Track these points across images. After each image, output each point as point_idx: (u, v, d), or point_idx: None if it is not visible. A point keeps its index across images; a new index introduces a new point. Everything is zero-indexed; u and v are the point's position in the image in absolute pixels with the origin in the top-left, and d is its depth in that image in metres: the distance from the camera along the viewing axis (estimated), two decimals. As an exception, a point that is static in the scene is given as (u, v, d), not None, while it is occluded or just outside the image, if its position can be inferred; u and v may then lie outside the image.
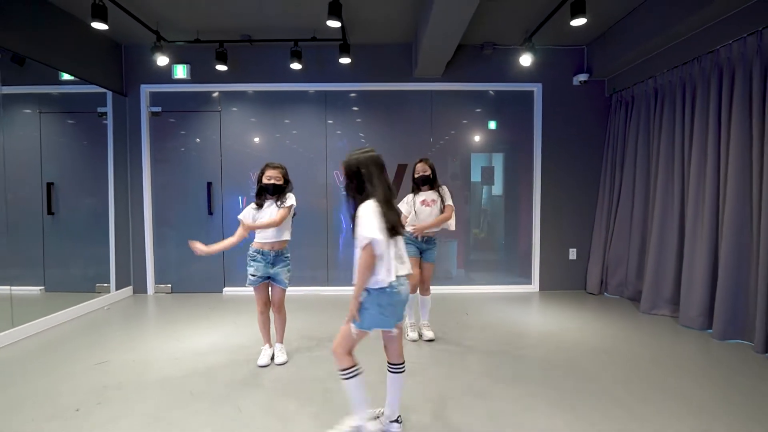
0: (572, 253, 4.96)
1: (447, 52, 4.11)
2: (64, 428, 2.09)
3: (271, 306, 2.93)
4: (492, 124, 5.00)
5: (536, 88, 4.87)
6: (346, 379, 1.89)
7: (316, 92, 4.89)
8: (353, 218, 1.86)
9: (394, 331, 1.94)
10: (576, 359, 2.95)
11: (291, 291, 4.84)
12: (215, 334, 3.52)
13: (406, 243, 3.15)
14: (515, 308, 4.28)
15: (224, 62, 4.43)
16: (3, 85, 3.85)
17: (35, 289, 4.71)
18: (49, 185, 4.63)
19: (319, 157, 4.94)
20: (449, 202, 3.24)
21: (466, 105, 4.94)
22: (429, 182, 3.24)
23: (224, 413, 2.23)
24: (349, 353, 1.91)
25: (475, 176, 5.10)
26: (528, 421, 2.16)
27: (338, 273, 4.98)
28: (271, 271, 2.83)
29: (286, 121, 4.92)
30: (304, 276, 4.91)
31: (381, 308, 1.83)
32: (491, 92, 4.94)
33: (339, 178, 4.95)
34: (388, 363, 2.01)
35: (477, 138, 5.01)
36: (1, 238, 4.00)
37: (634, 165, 4.41)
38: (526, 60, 4.29)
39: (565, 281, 4.97)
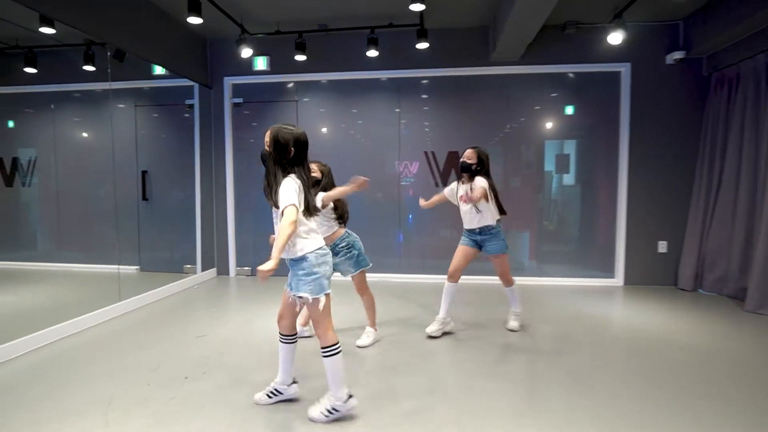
0: (662, 246, 4.61)
1: (529, 33, 3.95)
2: (176, 393, 2.25)
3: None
4: (569, 109, 4.75)
5: (624, 69, 4.55)
6: (332, 355, 1.94)
7: (389, 80, 4.89)
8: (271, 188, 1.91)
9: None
10: (678, 360, 2.75)
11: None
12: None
13: (463, 236, 3.11)
14: (598, 302, 4.06)
15: (303, 52, 4.54)
16: (104, 81, 4.19)
17: (132, 269, 5.14)
18: (144, 173, 5.01)
19: (388, 146, 4.95)
20: (481, 184, 2.93)
21: (543, 89, 4.73)
22: (469, 171, 3.00)
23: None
24: (331, 329, 1.97)
25: (549, 165, 4.88)
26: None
27: (409, 261, 4.99)
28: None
29: (354, 110, 4.98)
30: (376, 263, 4.95)
31: (322, 270, 1.93)
32: (570, 75, 4.68)
33: (405, 167, 4.94)
34: (285, 335, 2.10)
35: (552, 124, 4.78)
36: (108, 222, 4.39)
37: (739, 150, 4.00)
38: (615, 38, 4.01)
39: (653, 276, 4.64)
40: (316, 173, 2.77)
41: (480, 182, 2.93)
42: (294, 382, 2.19)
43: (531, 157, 4.87)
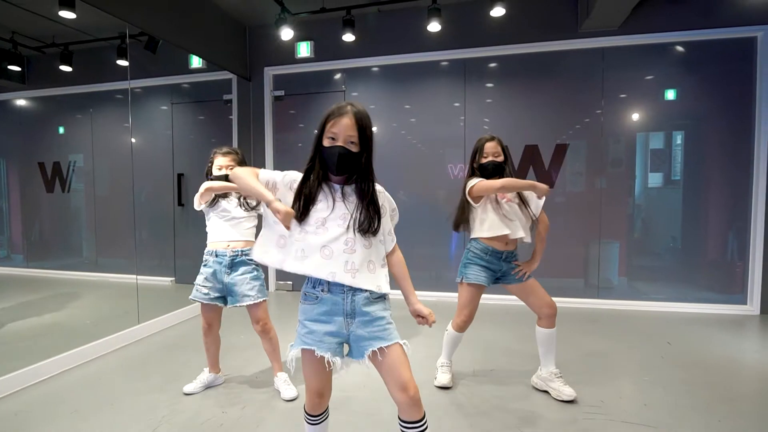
0: (816, 264, 3.51)
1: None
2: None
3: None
4: (670, 93, 3.77)
5: (761, 33, 3.51)
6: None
7: (453, 62, 4.12)
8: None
9: None
10: None
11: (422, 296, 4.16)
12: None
13: (479, 266, 2.14)
14: (732, 338, 3.06)
15: (352, 30, 3.89)
16: (138, 78, 3.76)
17: (167, 280, 4.73)
18: (180, 176, 4.58)
19: (446, 145, 4.19)
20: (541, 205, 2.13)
21: (642, 67, 3.77)
22: (501, 172, 2.12)
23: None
24: None
25: (641, 162, 3.90)
26: None
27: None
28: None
29: (407, 106, 4.26)
30: (428, 277, 4.21)
31: None
32: (679, 49, 3.70)
33: (454, 171, 4.17)
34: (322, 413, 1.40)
35: (649, 112, 3.81)
36: (141, 232, 3.97)
37: None
38: (760, -12, 3.03)
39: (804, 303, 3.54)
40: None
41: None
42: None
43: (621, 153, 3.92)
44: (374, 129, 1.37)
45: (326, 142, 1.26)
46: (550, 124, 3.95)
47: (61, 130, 4.30)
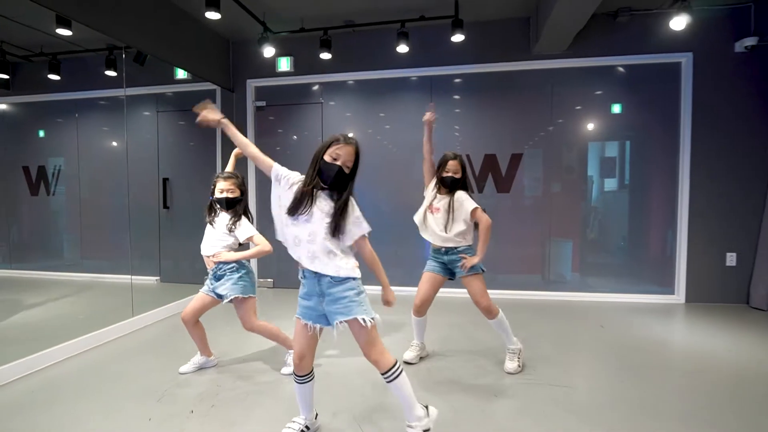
0: (730, 259, 4.06)
1: (579, 22, 3.53)
2: (178, 431, 1.95)
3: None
4: (616, 108, 4.28)
5: (685, 59, 4.05)
6: (396, 378, 1.69)
7: (420, 78, 4.54)
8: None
9: None
10: (745, 394, 2.26)
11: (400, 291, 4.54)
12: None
13: (429, 259, 2.63)
14: (658, 323, 3.57)
15: (328, 50, 4.25)
16: (125, 87, 4.03)
17: (152, 279, 4.97)
18: (165, 180, 4.84)
19: (418, 149, 4.58)
20: (473, 205, 2.50)
21: (589, 85, 4.28)
22: (456, 187, 2.56)
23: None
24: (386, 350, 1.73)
25: (592, 169, 4.41)
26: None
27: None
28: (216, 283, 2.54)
29: (381, 114, 4.65)
30: (398, 274, 4.60)
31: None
32: (621, 69, 4.22)
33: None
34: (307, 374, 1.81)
35: (598, 123, 4.31)
36: (127, 233, 4.22)
37: (828, 148, 3.45)
38: (679, 23, 3.54)
39: (720, 293, 4.09)
40: (233, 192, 2.48)
41: (466, 201, 2.51)
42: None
43: (573, 161, 4.42)
44: (351, 134, 1.80)
45: (328, 159, 1.67)
46: (507, 136, 4.41)
47: (41, 133, 4.51)
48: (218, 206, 2.52)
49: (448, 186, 2.56)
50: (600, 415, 2.07)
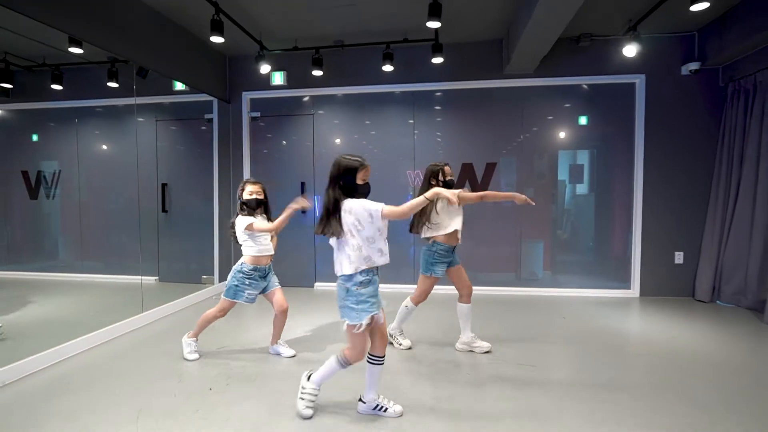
0: (678, 257, 4.59)
1: (545, 46, 3.99)
2: (201, 405, 2.31)
3: (279, 309, 2.99)
4: (583, 120, 4.77)
5: (638, 80, 4.56)
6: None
7: (403, 93, 4.96)
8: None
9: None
10: (693, 371, 2.74)
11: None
12: (310, 325, 3.71)
13: (441, 262, 2.96)
14: (615, 314, 4.05)
15: (320, 67, 4.64)
16: (127, 97, 4.35)
17: (151, 279, 5.25)
18: (164, 185, 5.13)
19: (402, 157, 5.01)
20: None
21: (556, 101, 4.76)
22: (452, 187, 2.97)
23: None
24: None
25: (562, 174, 4.90)
26: (657, 433, 2.04)
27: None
28: (265, 283, 2.98)
29: (367, 122, 5.05)
30: (389, 273, 5.01)
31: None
32: (585, 86, 4.71)
33: (411, 177, 4.98)
34: (373, 354, 2.18)
35: (566, 134, 4.80)
36: (129, 234, 4.51)
37: (756, 160, 3.98)
38: (630, 50, 4.03)
39: (670, 287, 4.61)
40: (260, 194, 2.92)
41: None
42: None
43: (544, 168, 4.89)
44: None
45: (360, 181, 2.10)
46: (482, 146, 4.86)
47: (35, 138, 4.71)
48: (245, 208, 2.91)
49: (450, 188, 2.93)
50: (558, 388, 2.51)
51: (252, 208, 2.90)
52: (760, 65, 3.91)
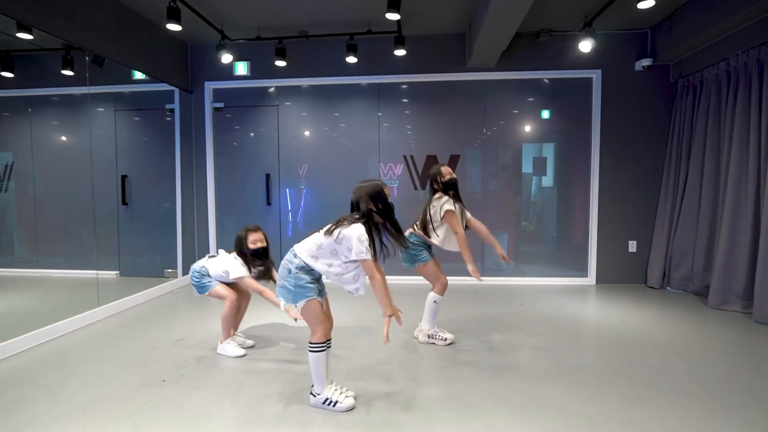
0: (632, 246, 4.79)
1: (503, 40, 4.07)
2: (153, 396, 2.30)
3: (243, 297, 3.00)
4: (545, 113, 4.90)
5: (595, 75, 4.71)
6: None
7: (369, 85, 4.97)
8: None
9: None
10: (641, 354, 2.88)
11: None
12: (273, 319, 3.71)
13: (421, 249, 3.01)
14: (571, 301, 4.20)
15: (283, 57, 4.59)
16: (83, 86, 4.21)
17: (111, 274, 5.12)
18: (123, 177, 5.00)
19: (369, 150, 5.03)
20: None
21: (519, 94, 4.87)
22: (455, 188, 3.02)
23: (284, 379, 2.37)
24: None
25: (527, 167, 5.02)
26: (598, 418, 2.14)
27: (392, 263, 5.05)
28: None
29: (336, 114, 5.04)
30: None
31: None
32: (546, 80, 4.83)
33: (389, 169, 5.01)
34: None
35: (529, 128, 4.92)
36: (87, 227, 4.38)
37: (702, 153, 4.19)
38: (585, 46, 4.16)
39: (624, 275, 4.81)
40: (263, 242, 2.87)
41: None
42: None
43: (509, 160, 5.00)
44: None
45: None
46: (446, 138, 4.93)
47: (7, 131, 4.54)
48: (251, 258, 2.84)
49: (453, 187, 2.99)
50: (512, 371, 2.60)
51: (260, 258, 2.85)
52: (707, 62, 4.10)
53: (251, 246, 2.84)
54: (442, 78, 4.86)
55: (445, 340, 3.00)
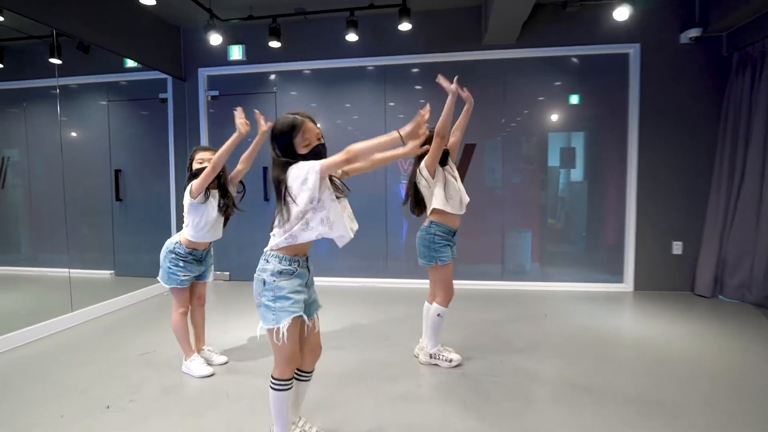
0: (676, 247, 4.14)
1: (524, 10, 3.52)
2: (90, 428, 1.90)
3: (195, 303, 2.59)
4: (574, 98, 4.31)
5: (632, 50, 4.08)
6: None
7: (375, 68, 4.49)
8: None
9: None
10: (689, 377, 2.31)
11: (347, 282, 4.61)
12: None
13: (445, 244, 2.45)
14: (605, 311, 3.62)
15: (278, 38, 4.18)
16: (74, 76, 3.92)
17: (106, 273, 4.85)
18: (117, 172, 4.71)
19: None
20: None
21: (543, 76, 4.29)
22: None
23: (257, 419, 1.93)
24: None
25: (553, 159, 4.44)
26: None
27: (397, 264, 4.59)
28: (202, 268, 2.54)
29: (341, 101, 4.58)
30: (360, 266, 4.59)
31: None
32: (573, 59, 4.24)
33: (404, 165, 4.53)
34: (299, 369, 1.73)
35: (556, 115, 4.34)
36: (80, 225, 4.11)
37: (764, 139, 3.53)
38: (622, 14, 3.57)
39: (667, 280, 4.17)
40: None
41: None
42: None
43: (533, 151, 4.44)
44: (320, 125, 1.70)
45: (303, 149, 1.58)
46: (470, 125, 4.39)
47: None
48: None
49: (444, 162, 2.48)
50: (532, 404, 2.09)
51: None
52: (770, 30, 3.44)
53: (196, 165, 2.44)
54: (456, 57, 4.33)
55: (450, 361, 2.50)
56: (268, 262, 1.59)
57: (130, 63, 4.33)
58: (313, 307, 1.70)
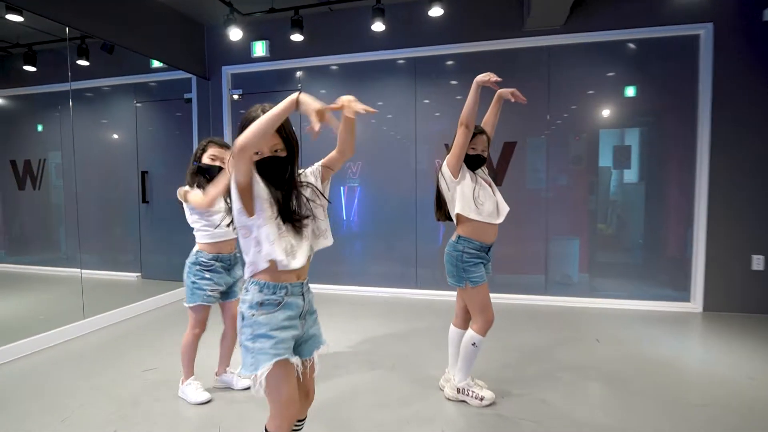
0: (757, 262, 3.52)
1: (573, -14, 3.07)
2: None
3: (228, 323, 2.29)
4: (630, 90, 3.78)
5: (704, 31, 3.51)
6: None
7: (405, 60, 4.14)
8: None
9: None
10: None
11: (373, 292, 4.29)
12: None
13: (476, 262, 2.04)
14: (669, 336, 3.09)
15: (300, 30, 3.93)
16: (101, 78, 3.96)
17: (132, 276, 4.79)
18: (144, 174, 4.64)
19: (408, 140, 4.22)
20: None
21: (594, 64, 3.79)
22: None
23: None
24: None
25: (605, 159, 3.92)
26: None
27: (429, 272, 4.21)
28: (231, 279, 2.22)
29: (380, 103, 4.26)
30: (389, 274, 4.25)
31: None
32: (631, 44, 3.71)
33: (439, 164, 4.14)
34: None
35: (608, 110, 3.83)
36: (108, 227, 4.04)
37: None
38: (693, -13, 3.03)
39: (744, 301, 3.55)
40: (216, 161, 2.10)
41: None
42: None
43: (581, 150, 3.95)
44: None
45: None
46: (499, 122, 3.97)
47: (39, 128, 4.34)
48: (197, 176, 2.14)
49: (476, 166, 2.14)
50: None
51: (211, 178, 2.10)
52: None
53: (206, 160, 2.11)
54: (492, 46, 3.90)
55: (482, 399, 2.10)
56: (247, 291, 1.27)
57: (156, 63, 4.23)
58: (310, 344, 1.36)
